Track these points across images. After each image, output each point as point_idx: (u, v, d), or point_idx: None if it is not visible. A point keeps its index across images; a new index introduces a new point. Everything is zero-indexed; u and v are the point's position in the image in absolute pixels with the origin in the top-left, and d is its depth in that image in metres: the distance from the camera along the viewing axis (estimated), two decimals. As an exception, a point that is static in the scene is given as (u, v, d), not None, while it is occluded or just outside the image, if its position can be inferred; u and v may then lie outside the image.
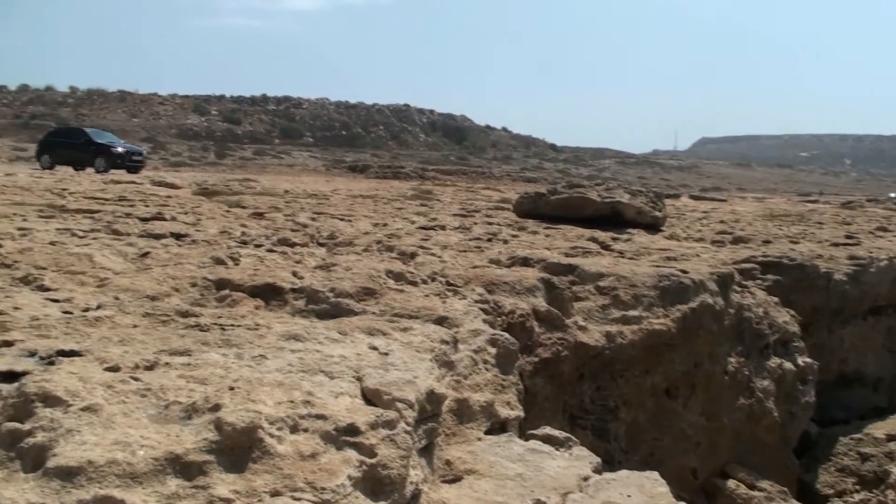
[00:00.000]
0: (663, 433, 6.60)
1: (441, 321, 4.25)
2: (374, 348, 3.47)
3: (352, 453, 2.48)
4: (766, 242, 10.99)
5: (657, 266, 7.07)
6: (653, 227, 11.79)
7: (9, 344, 3.16)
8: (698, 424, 7.00)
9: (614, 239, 9.38)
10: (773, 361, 8.07)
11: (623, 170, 72.90)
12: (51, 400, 2.46)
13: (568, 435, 3.83)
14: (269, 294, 4.68)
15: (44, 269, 4.99)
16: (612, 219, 11.48)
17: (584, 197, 11.76)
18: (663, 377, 6.61)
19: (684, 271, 6.88)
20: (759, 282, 8.70)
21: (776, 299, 8.61)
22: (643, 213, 11.73)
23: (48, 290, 4.38)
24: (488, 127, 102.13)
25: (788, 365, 8.23)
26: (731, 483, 7.32)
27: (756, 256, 9.37)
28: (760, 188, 59.28)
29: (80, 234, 7.11)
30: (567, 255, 7.51)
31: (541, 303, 5.53)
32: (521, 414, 4.21)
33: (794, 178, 79.04)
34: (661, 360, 6.47)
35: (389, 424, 2.67)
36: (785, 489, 7.50)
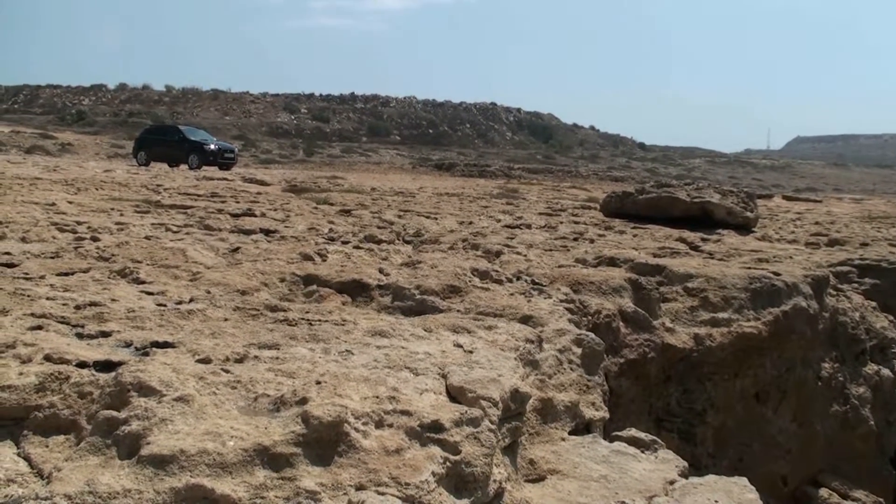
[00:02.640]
0: (752, 438, 6.44)
1: (526, 320, 4.23)
2: (459, 346, 3.48)
3: (436, 450, 2.48)
4: (864, 245, 10.63)
5: (748, 268, 6.91)
6: (744, 227, 11.52)
7: (106, 335, 3.27)
8: (789, 431, 6.82)
9: (703, 239, 9.20)
10: (870, 368, 7.81)
11: (713, 169, 71.38)
12: (145, 390, 2.53)
13: (654, 437, 3.77)
14: (355, 290, 4.73)
15: (139, 262, 5.14)
16: (702, 219, 11.27)
17: (673, 196, 11.57)
18: (753, 381, 6.46)
19: (776, 273, 6.71)
20: (855, 285, 8.43)
21: (874, 304, 8.32)
22: (734, 213, 11.48)
23: (143, 283, 4.51)
24: (575, 125, 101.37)
25: (886, 372, 7.95)
26: (824, 492, 7.11)
27: (853, 259, 9.08)
28: (858, 189, 57.36)
29: (174, 229, 7.31)
30: (655, 255, 7.40)
31: (627, 303, 5.46)
32: (606, 415, 4.16)
33: (894, 178, 76.21)
34: (751, 364, 6.32)
35: (474, 422, 2.67)
36: (881, 500, 7.25)
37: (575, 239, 8.64)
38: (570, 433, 3.77)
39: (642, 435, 3.76)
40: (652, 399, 5.59)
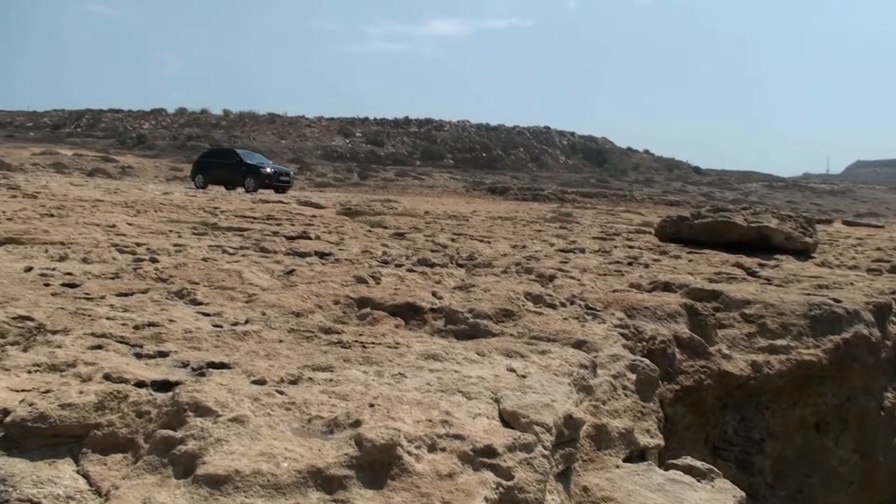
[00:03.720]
0: (812, 469, 6.29)
1: (580, 345, 4.19)
2: (512, 370, 3.46)
3: (489, 475, 2.47)
4: (928, 272, 10.35)
5: (807, 294, 6.78)
6: (803, 253, 11.31)
7: (164, 354, 3.32)
8: (851, 462, 6.65)
9: (761, 265, 9.04)
10: (935, 398, 7.59)
11: (771, 194, 70.34)
12: (201, 410, 2.56)
13: (710, 466, 3.70)
14: (408, 313, 4.74)
15: (196, 283, 5.21)
16: (759, 244, 11.08)
17: (730, 221, 11.41)
18: (813, 410, 6.31)
19: (837, 300, 6.57)
20: (919, 313, 8.21)
21: (938, 332, 8.10)
22: (792, 238, 11.28)
23: (200, 304, 4.57)
24: (630, 149, 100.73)
25: (951, 402, 7.72)
26: (886, 525, 6.91)
27: (917, 286, 8.85)
28: (922, 214, 56.01)
29: (231, 251, 7.41)
30: (711, 280, 7.30)
31: (683, 329, 5.39)
32: (661, 442, 4.10)
33: (959, 204, 74.30)
34: (810, 393, 6.18)
35: (527, 447, 2.65)
36: (945, 535, 7.03)
37: (629, 263, 8.56)
38: (625, 460, 3.72)
39: (698, 463, 3.70)
40: (708, 427, 5.50)
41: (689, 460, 3.72)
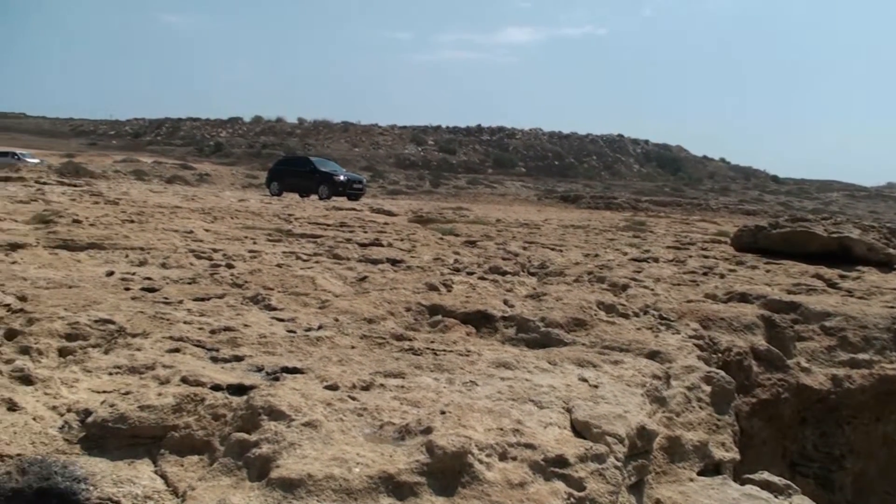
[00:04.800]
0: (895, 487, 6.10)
1: (653, 356, 4.14)
2: (584, 380, 3.43)
3: (560, 485, 2.45)
4: None
5: (891, 307, 6.58)
6: (886, 265, 10.97)
7: (239, 359, 3.37)
8: (936, 481, 6.42)
9: (842, 276, 8.80)
10: None
11: (852, 203, 68.53)
12: (275, 414, 2.59)
13: (788, 482, 3.61)
14: (480, 321, 4.74)
15: (271, 289, 5.29)
16: (840, 255, 10.79)
17: (809, 231, 11.13)
18: (896, 427, 6.12)
19: (923, 314, 6.36)
20: None
21: None
22: (875, 249, 10.95)
23: (275, 309, 4.63)
24: (705, 157, 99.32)
25: None
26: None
27: None
28: None
29: (304, 257, 7.50)
30: (789, 291, 7.13)
31: (760, 341, 5.28)
32: (737, 456, 4.02)
33: None
34: (894, 409, 5.99)
35: (599, 458, 2.62)
36: None
37: (704, 273, 8.42)
38: (699, 474, 3.66)
39: (776, 479, 3.61)
40: (786, 441, 5.37)
41: (765, 475, 3.64)
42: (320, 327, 4.18)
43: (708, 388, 4.11)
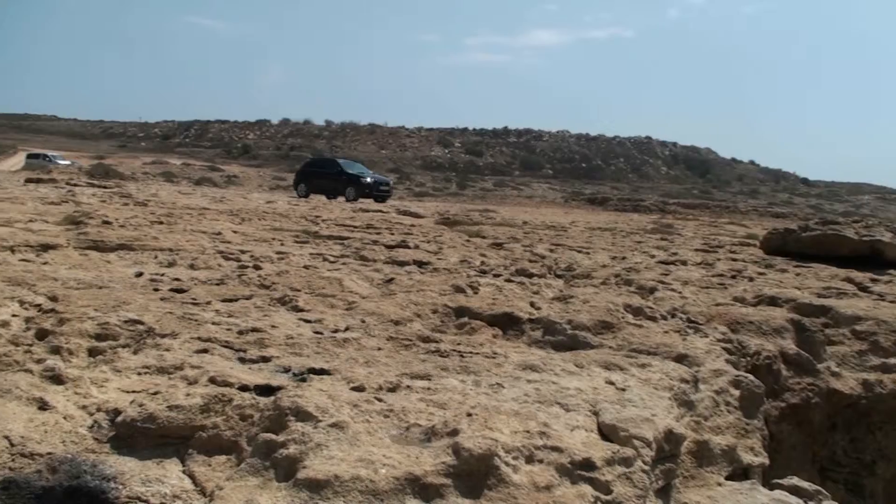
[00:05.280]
0: (927, 494, 6.01)
1: (681, 359, 4.11)
2: (611, 383, 3.41)
3: (587, 488, 2.44)
4: None
5: (923, 311, 6.49)
6: (918, 268, 10.84)
7: (266, 360, 3.39)
8: (969, 487, 6.33)
9: (873, 280, 8.70)
10: None
11: (884, 206, 67.81)
12: (302, 415, 2.60)
13: (818, 488, 3.57)
14: (506, 323, 4.73)
15: (298, 290, 5.31)
16: (871, 259, 10.65)
17: (840, 234, 11.02)
18: (928, 432, 6.03)
19: (956, 317, 6.26)
20: None
21: None
22: (907, 253, 10.82)
23: (302, 310, 4.65)
24: (734, 160, 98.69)
25: None
26: None
27: None
28: None
29: (331, 259, 7.52)
30: (819, 295, 7.05)
31: (789, 345, 5.23)
32: (766, 461, 3.98)
33: None
34: (925, 414, 5.91)
35: (626, 462, 2.61)
36: None
37: (733, 276, 8.35)
38: (727, 478, 3.62)
39: (805, 484, 3.57)
40: (815, 446, 5.31)
41: (795, 480, 3.60)
42: (347, 329, 4.19)
43: (737, 392, 4.08)
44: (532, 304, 5.18)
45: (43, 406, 2.71)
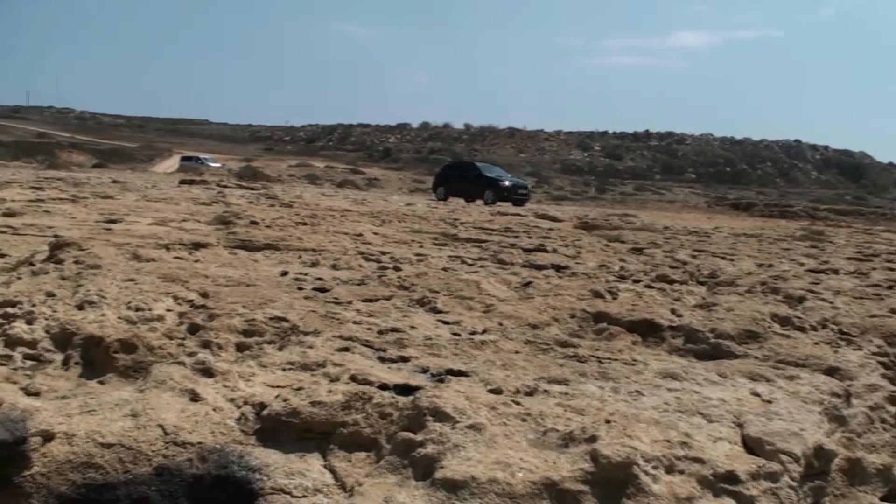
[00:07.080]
0: None
1: (832, 372, 3.93)
2: (757, 394, 3.30)
3: (730, 502, 2.36)
4: None
5: None
6: None
7: (405, 360, 3.43)
8: None
9: None
10: None
11: None
12: (440, 415, 2.62)
13: (982, 513, 3.34)
14: (646, 330, 4.63)
15: (437, 292, 5.36)
16: None
17: None
18: None
19: None
20: None
21: None
22: None
23: (440, 312, 4.69)
24: (891, 164, 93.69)
25: None
26: None
27: None
28: None
29: (469, 261, 7.56)
30: None
31: (952, 360, 4.92)
32: (924, 483, 3.76)
33: None
34: None
35: (772, 476, 2.51)
36: None
37: (890, 287, 7.92)
38: (882, 499, 3.44)
39: (968, 509, 3.35)
40: (979, 470, 4.97)
41: (956, 505, 3.38)
42: (485, 331, 4.20)
43: (893, 409, 3.86)
44: (673, 311, 5.06)
45: (194, 397, 2.83)
